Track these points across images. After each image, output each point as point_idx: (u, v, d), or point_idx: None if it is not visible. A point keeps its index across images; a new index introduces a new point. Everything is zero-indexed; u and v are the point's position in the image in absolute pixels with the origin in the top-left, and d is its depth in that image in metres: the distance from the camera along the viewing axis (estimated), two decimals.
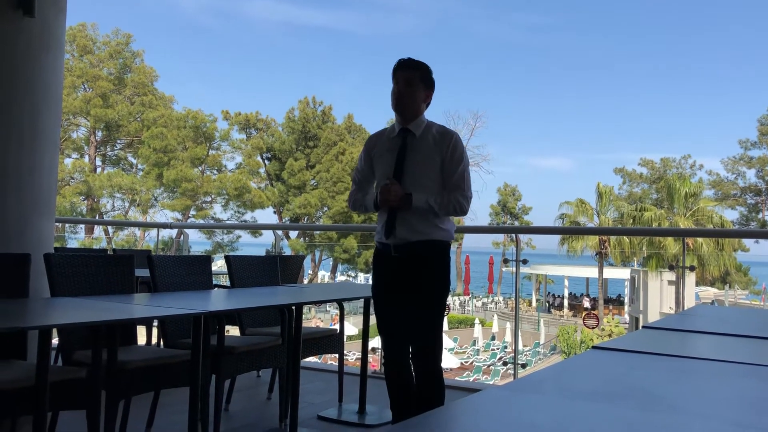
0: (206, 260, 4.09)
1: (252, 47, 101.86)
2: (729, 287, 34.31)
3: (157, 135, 32.40)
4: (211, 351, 3.22)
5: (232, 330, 4.02)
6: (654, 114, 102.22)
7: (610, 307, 33.57)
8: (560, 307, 36.17)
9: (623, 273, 32.99)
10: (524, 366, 20.90)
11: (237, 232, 33.36)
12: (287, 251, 28.45)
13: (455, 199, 2.98)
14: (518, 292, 5.90)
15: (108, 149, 35.97)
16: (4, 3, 3.59)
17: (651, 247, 29.39)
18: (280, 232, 8.11)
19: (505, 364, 23.13)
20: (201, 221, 33.62)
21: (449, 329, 28.72)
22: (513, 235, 6.14)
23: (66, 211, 30.35)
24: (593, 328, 24.17)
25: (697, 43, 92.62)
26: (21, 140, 3.69)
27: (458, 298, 36.20)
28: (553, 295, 38.60)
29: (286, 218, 35.01)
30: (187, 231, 7.74)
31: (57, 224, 5.61)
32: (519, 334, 5.86)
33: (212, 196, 34.50)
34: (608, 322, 26.49)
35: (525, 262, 5.59)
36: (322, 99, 38.15)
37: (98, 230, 32.58)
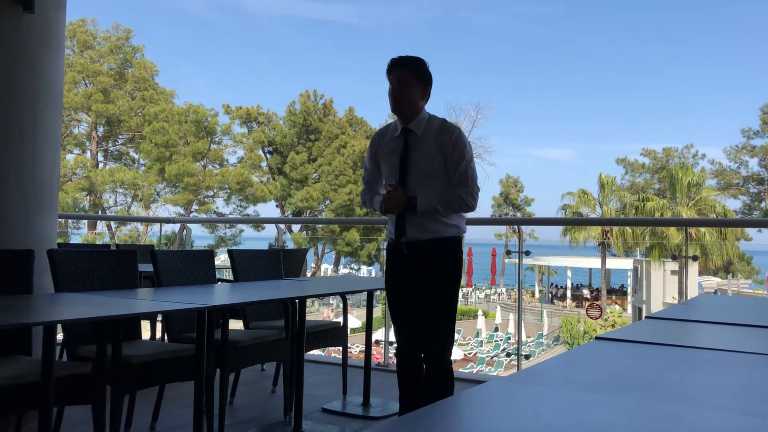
0: (209, 255, 4.09)
1: (252, 41, 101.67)
2: (732, 277, 34.24)
3: (159, 130, 32.39)
4: (216, 345, 3.23)
5: (236, 324, 4.03)
6: (656, 104, 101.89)
7: (613, 298, 33.56)
8: (563, 298, 36.18)
9: (626, 263, 32.97)
10: (527, 357, 20.92)
11: (240, 226, 33.40)
12: (290, 245, 28.47)
13: (458, 197, 2.98)
14: (521, 284, 5.90)
15: (110, 144, 35.96)
16: None
17: (654, 237, 29.35)
18: (283, 226, 8.11)
19: (509, 356, 23.18)
20: (203, 216, 33.65)
21: None
22: (515, 227, 6.13)
23: (68, 207, 30.38)
24: (596, 319, 24.19)
25: (700, 32, 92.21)
26: (22, 136, 3.69)
27: (461, 290, 36.10)
28: (556, 286, 38.60)
29: (289, 212, 35.01)
30: (190, 225, 7.75)
31: (60, 220, 5.61)
32: (522, 325, 5.87)
33: (214, 191, 34.50)
34: (611, 312, 26.50)
35: (527, 254, 5.59)
36: (323, 92, 38.13)
37: (101, 226, 32.58)
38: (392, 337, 3.15)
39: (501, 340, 26.23)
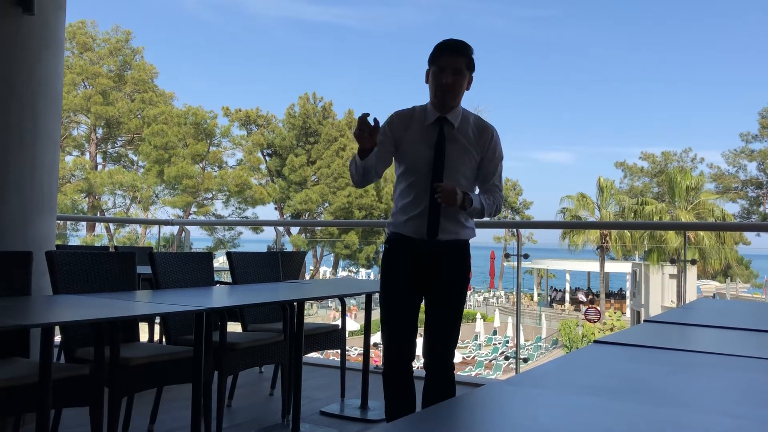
0: (208, 257, 4.09)
1: (252, 43, 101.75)
2: (730, 280, 34.26)
3: (158, 132, 32.38)
4: (214, 347, 3.23)
5: (234, 326, 4.03)
6: (655, 107, 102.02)
7: (612, 301, 33.57)
8: (562, 302, 36.18)
9: (625, 267, 33.00)
10: (526, 360, 20.92)
11: (238, 229, 33.39)
12: (288, 247, 28.44)
13: (497, 201, 2.83)
14: (520, 287, 5.91)
15: (109, 146, 35.95)
16: (4, 1, 3.59)
17: (652, 241, 29.37)
18: (281, 228, 8.11)
19: (507, 359, 23.16)
20: (202, 218, 33.64)
21: None
22: (514, 230, 6.13)
23: (67, 209, 30.36)
24: (595, 322, 24.18)
25: (699, 37, 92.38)
26: (21, 138, 3.69)
27: None
28: (555, 289, 38.60)
29: (287, 214, 35.00)
30: (189, 228, 7.74)
31: (58, 222, 5.61)
32: (521, 329, 5.86)
33: (213, 193, 34.49)
34: (610, 316, 26.50)
35: (526, 257, 5.59)
36: (323, 95, 38.16)
37: (100, 227, 32.57)
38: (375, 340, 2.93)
39: (499, 344, 26.23)
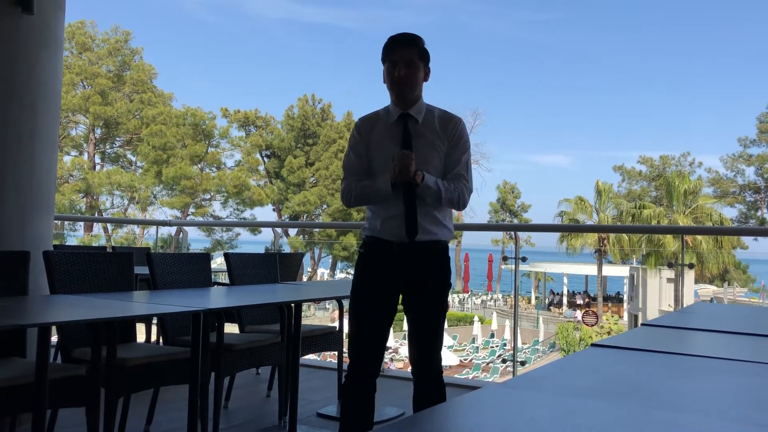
0: (205, 258, 4.09)
1: (251, 44, 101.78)
2: (728, 285, 34.30)
3: (156, 132, 32.37)
4: (211, 348, 3.22)
5: (232, 327, 4.02)
6: (653, 111, 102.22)
7: (609, 305, 33.59)
8: (559, 305, 36.20)
9: (622, 270, 33.02)
10: (523, 363, 20.92)
11: (236, 230, 33.34)
12: (286, 249, 28.42)
13: (460, 189, 2.69)
14: (517, 290, 5.90)
15: (107, 147, 35.93)
16: (3, 0, 3.59)
17: (650, 245, 29.41)
18: (279, 230, 8.11)
19: (504, 362, 23.15)
20: (200, 219, 33.63)
21: (448, 327, 28.74)
22: (512, 233, 6.13)
23: (65, 209, 30.33)
24: (592, 326, 24.19)
25: (697, 41, 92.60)
26: (20, 138, 3.69)
27: (457, 296, 36.22)
28: (553, 293, 38.63)
29: (286, 216, 35.00)
30: (187, 228, 7.74)
31: (56, 222, 5.60)
32: (518, 332, 5.87)
33: (211, 194, 34.48)
34: (607, 320, 26.52)
35: (524, 260, 5.59)
36: (322, 96, 38.16)
37: (97, 228, 32.54)
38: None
39: (497, 347, 26.23)
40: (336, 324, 4.35)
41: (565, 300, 36.06)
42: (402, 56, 2.65)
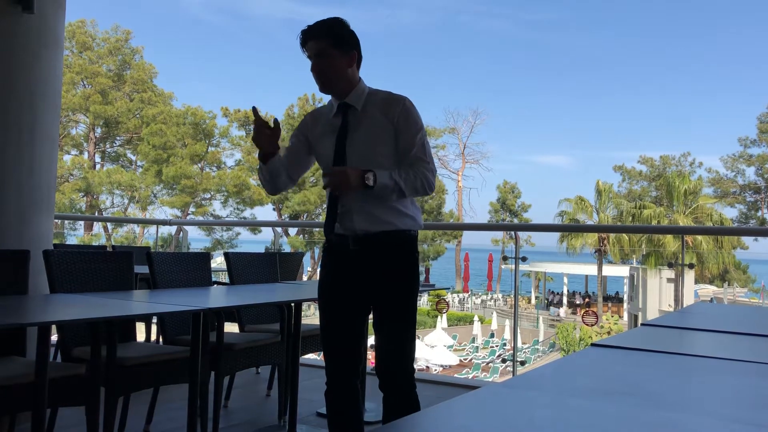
0: (205, 257, 4.09)
1: (251, 44, 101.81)
2: (728, 285, 34.31)
3: (157, 132, 32.38)
4: (211, 348, 3.22)
5: (231, 327, 4.02)
6: (654, 111, 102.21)
7: (609, 305, 33.60)
8: (559, 305, 36.21)
9: (622, 270, 33.03)
10: (523, 363, 20.93)
11: (236, 229, 33.36)
12: (286, 248, 28.43)
13: (421, 173, 2.46)
14: (517, 290, 5.90)
15: (107, 146, 35.95)
16: None
17: (650, 245, 29.42)
18: (280, 229, 8.11)
19: (504, 362, 23.16)
20: (200, 218, 33.64)
21: (449, 326, 28.76)
22: (512, 233, 6.13)
23: (65, 208, 30.34)
24: (592, 326, 24.19)
25: (698, 41, 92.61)
26: (20, 137, 3.69)
27: (458, 296, 36.26)
28: (552, 293, 38.65)
29: (286, 215, 34.99)
30: (187, 228, 7.75)
31: (56, 221, 5.61)
32: (518, 331, 5.87)
33: (211, 193, 34.49)
34: (607, 320, 26.52)
35: (524, 260, 5.59)
36: (322, 96, 37.98)
37: (97, 227, 32.55)
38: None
39: (497, 346, 26.24)
40: None
41: (565, 300, 36.08)
42: (311, 49, 2.49)
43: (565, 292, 36.65)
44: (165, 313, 3.40)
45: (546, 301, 37.39)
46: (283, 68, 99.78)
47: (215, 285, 4.11)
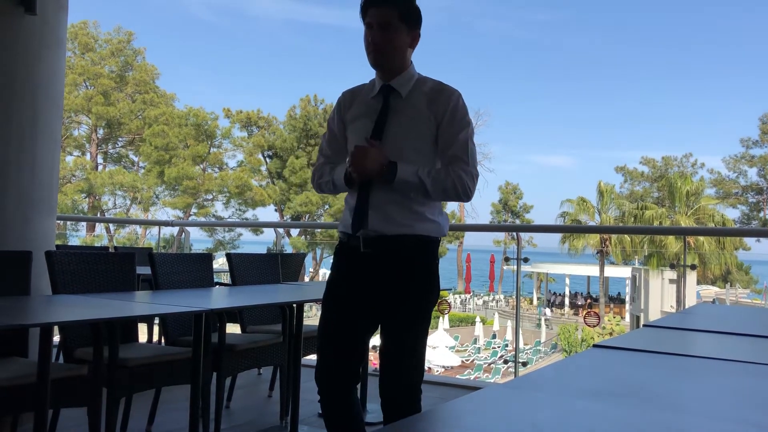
0: (207, 258, 4.09)
1: (254, 44, 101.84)
2: (730, 286, 34.27)
3: (159, 133, 32.42)
4: (213, 348, 3.22)
5: (233, 328, 4.03)
6: (656, 112, 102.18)
7: (611, 306, 33.56)
8: (561, 306, 36.17)
9: (624, 271, 32.98)
10: (525, 364, 20.90)
11: (238, 230, 33.35)
12: (288, 249, 28.45)
13: (456, 174, 2.20)
14: (519, 291, 5.90)
15: (109, 147, 35.98)
16: (6, 0, 3.60)
17: (652, 246, 29.38)
18: (281, 230, 8.11)
19: (506, 363, 23.14)
20: (202, 219, 33.66)
21: (450, 327, 28.75)
22: (514, 234, 6.13)
23: (67, 209, 30.37)
24: (594, 327, 24.16)
25: (700, 42, 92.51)
26: (22, 138, 3.69)
27: (459, 297, 36.25)
28: (554, 294, 38.61)
29: (288, 216, 35.00)
30: (189, 229, 7.75)
31: (58, 222, 5.61)
32: (520, 332, 5.86)
33: (213, 194, 34.51)
34: (609, 321, 26.48)
35: (526, 261, 5.59)
36: (324, 97, 38.09)
37: (100, 228, 32.58)
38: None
39: (499, 347, 26.20)
40: None
41: (567, 301, 36.04)
42: (376, 17, 2.21)
43: (567, 293, 36.61)
44: (167, 314, 3.40)
45: (547, 302, 37.36)
46: (286, 69, 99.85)
47: (217, 286, 4.11)
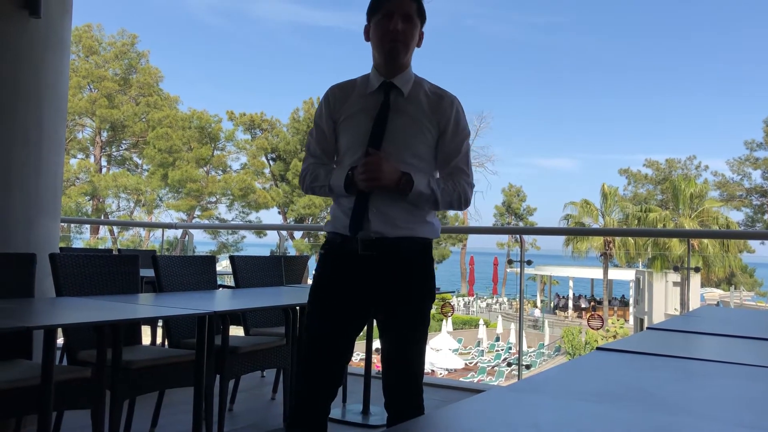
0: (211, 260, 4.09)
1: (257, 47, 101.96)
2: (734, 289, 34.16)
3: (162, 135, 32.47)
4: (216, 351, 3.22)
5: (237, 330, 4.03)
6: (659, 114, 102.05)
7: (615, 309, 33.49)
8: (565, 308, 36.10)
9: (628, 274, 32.91)
10: (528, 367, 20.86)
11: (242, 233, 33.41)
12: (291, 251, 28.45)
13: (461, 187, 2.20)
14: (522, 293, 5.89)
15: (113, 150, 36.06)
16: (10, 3, 3.61)
17: (656, 248, 29.31)
18: (285, 233, 8.12)
19: (510, 365, 23.11)
20: (206, 221, 33.68)
21: (454, 330, 28.71)
22: (517, 236, 6.12)
23: (71, 212, 30.43)
24: (597, 329, 24.13)
25: (703, 44, 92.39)
26: (26, 140, 3.71)
27: (463, 299, 36.20)
28: (558, 296, 38.54)
29: (291, 219, 35.03)
30: (192, 231, 7.76)
31: (62, 224, 5.63)
32: (523, 335, 5.85)
33: (217, 197, 34.55)
34: (613, 323, 26.42)
35: (529, 263, 5.58)
36: None
37: (103, 230, 32.63)
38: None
39: (502, 350, 26.16)
40: None
41: (571, 303, 35.98)
42: (400, 7, 2.14)
43: (571, 296, 36.54)
44: (170, 317, 3.40)
45: (551, 305, 37.29)
46: (289, 71, 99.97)
47: (221, 288, 4.12)
